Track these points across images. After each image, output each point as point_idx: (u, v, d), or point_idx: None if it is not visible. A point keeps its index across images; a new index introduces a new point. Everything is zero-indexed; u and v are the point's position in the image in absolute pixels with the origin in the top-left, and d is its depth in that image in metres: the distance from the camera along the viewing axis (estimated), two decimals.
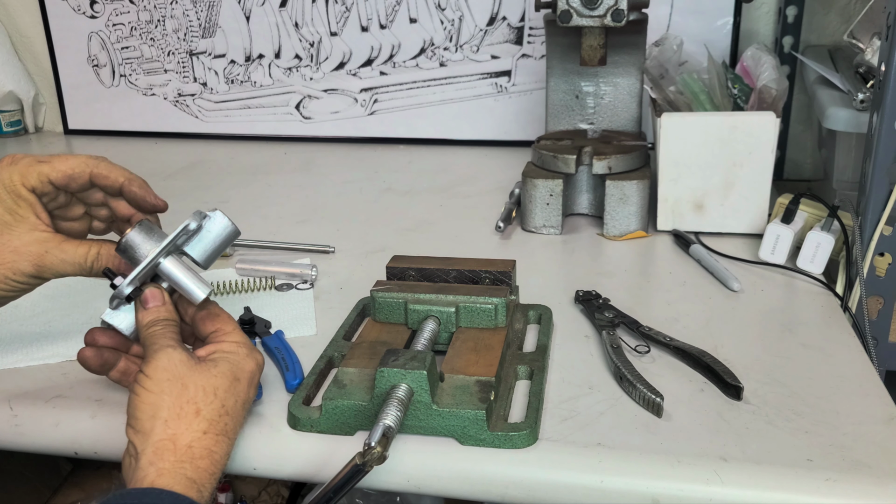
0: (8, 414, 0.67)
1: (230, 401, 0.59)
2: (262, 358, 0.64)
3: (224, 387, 0.59)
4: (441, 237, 1.04)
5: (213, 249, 0.66)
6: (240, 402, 0.60)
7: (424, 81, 1.47)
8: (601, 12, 0.98)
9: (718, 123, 0.95)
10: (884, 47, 0.80)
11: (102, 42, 1.59)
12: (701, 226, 0.99)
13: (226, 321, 0.65)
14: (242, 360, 0.62)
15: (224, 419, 0.57)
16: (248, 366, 0.62)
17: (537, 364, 0.70)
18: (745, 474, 0.57)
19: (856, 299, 0.83)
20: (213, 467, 0.55)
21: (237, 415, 0.59)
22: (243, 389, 0.60)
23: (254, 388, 0.62)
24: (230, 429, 0.58)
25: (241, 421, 0.60)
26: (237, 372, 0.60)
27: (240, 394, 0.60)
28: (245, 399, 0.61)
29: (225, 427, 0.57)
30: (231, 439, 0.58)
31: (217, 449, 0.56)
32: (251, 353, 0.63)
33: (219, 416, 0.57)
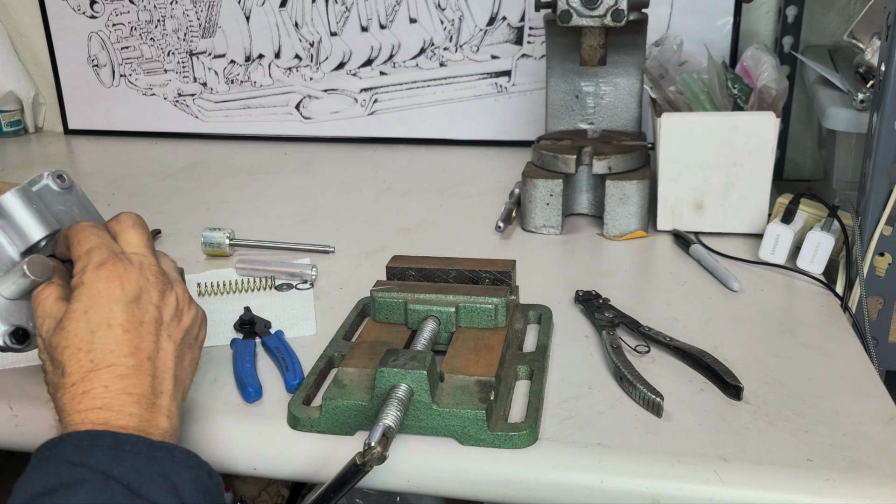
0: (8, 414, 0.67)
1: (82, 339, 0.54)
2: (108, 270, 0.57)
3: (73, 331, 0.55)
4: (441, 237, 1.04)
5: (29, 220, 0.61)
6: (99, 327, 0.55)
7: (424, 81, 1.47)
8: (601, 12, 0.98)
9: (718, 123, 0.95)
10: (884, 47, 0.80)
11: (102, 42, 1.59)
12: (701, 226, 0.99)
13: (74, 245, 0.59)
14: (83, 289, 0.56)
15: (85, 358, 0.54)
16: (91, 290, 0.56)
17: (537, 364, 0.70)
18: (745, 474, 0.57)
19: (856, 299, 0.83)
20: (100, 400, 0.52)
21: (103, 340, 0.54)
22: (98, 313, 0.55)
23: (113, 299, 0.56)
24: (100, 359, 0.54)
25: (116, 340, 0.55)
26: (84, 304, 0.56)
27: (95, 320, 0.55)
28: (106, 320, 0.55)
29: (91, 363, 0.54)
30: (109, 365, 0.54)
31: (90, 385, 0.53)
32: (88, 276, 0.57)
33: (77, 361, 0.54)
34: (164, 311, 0.58)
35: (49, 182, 0.63)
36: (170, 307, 0.59)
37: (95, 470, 0.48)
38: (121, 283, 0.57)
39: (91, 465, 0.48)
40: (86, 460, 0.49)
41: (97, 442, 0.50)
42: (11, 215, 0.60)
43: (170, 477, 0.50)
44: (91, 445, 0.50)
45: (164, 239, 1.05)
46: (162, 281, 0.59)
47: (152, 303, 0.58)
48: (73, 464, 0.49)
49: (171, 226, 1.09)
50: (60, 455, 0.49)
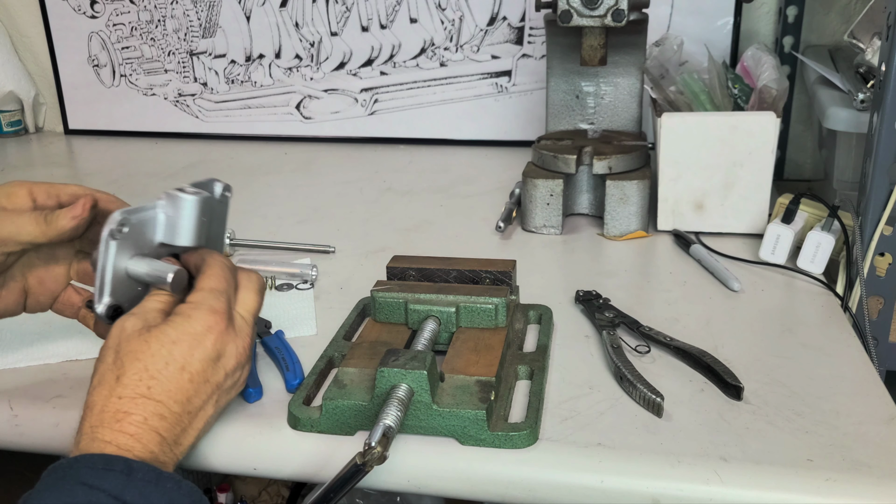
0: (8, 414, 0.67)
1: (155, 363, 0.56)
2: (214, 320, 0.59)
3: (152, 350, 0.57)
4: (441, 237, 1.04)
5: (190, 226, 0.64)
6: (174, 363, 0.56)
7: (425, 81, 1.47)
8: (601, 12, 0.98)
9: (719, 123, 0.95)
10: (884, 47, 0.80)
11: (103, 42, 1.59)
12: (701, 226, 0.99)
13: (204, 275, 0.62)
14: (185, 321, 0.58)
15: (146, 381, 0.55)
16: (191, 327, 0.58)
17: (537, 364, 0.70)
18: (745, 474, 0.57)
19: (856, 299, 0.83)
20: (135, 428, 0.54)
21: (169, 377, 0.56)
22: (181, 351, 0.57)
23: (202, 348, 0.58)
24: (156, 391, 0.55)
25: (179, 383, 0.56)
26: (176, 334, 0.58)
27: (175, 355, 0.57)
28: (184, 362, 0.57)
29: (148, 390, 0.55)
30: (159, 401, 0.55)
31: (135, 410, 0.54)
32: (198, 312, 0.59)
33: (139, 380, 0.55)
34: (228, 381, 0.60)
35: (216, 188, 0.67)
36: (233, 378, 0.61)
37: (109, 494, 0.49)
38: (216, 339, 0.59)
39: (105, 490, 0.49)
40: (100, 484, 0.50)
41: (111, 467, 0.51)
42: (180, 215, 0.63)
43: None
44: (105, 470, 0.51)
45: None
46: (245, 356, 0.62)
47: (225, 369, 0.60)
48: (88, 486, 0.50)
49: None
50: (75, 476, 0.50)
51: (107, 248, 0.61)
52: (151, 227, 0.63)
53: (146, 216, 0.63)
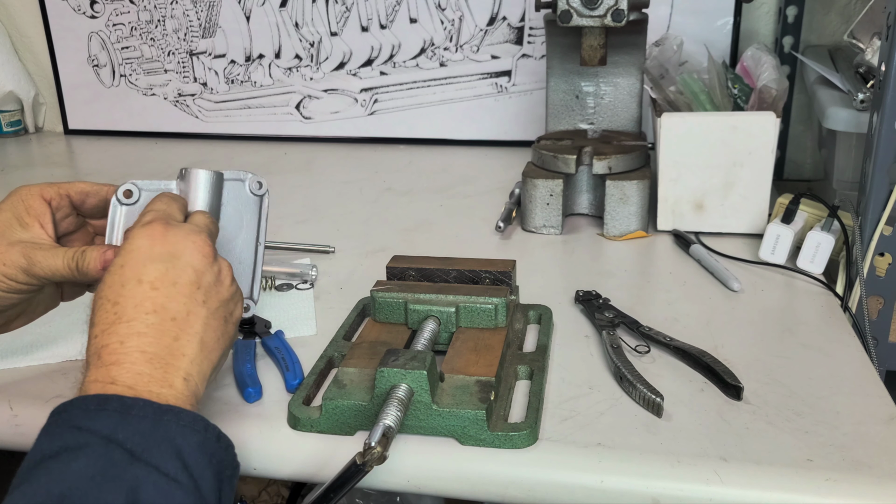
0: (8, 414, 0.67)
1: (112, 290, 0.55)
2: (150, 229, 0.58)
3: (108, 282, 0.56)
4: (441, 237, 1.04)
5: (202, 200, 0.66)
6: (129, 281, 0.55)
7: (424, 81, 1.47)
8: (601, 12, 0.98)
9: (718, 123, 0.95)
10: (884, 47, 0.80)
11: (102, 42, 1.59)
12: (701, 226, 0.99)
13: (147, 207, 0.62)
14: (126, 244, 0.58)
15: (110, 310, 0.55)
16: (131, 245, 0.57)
17: (537, 364, 0.70)
18: (745, 474, 0.57)
19: (856, 299, 0.83)
20: (115, 356, 0.53)
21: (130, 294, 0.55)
22: (131, 267, 0.56)
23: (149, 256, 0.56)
24: (122, 313, 0.54)
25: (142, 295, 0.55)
26: (121, 259, 0.57)
27: (126, 274, 0.56)
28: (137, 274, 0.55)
29: (115, 316, 0.54)
30: (129, 320, 0.54)
31: (109, 339, 0.53)
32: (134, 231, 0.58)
33: (104, 312, 0.55)
34: (204, 276, 0.58)
35: (245, 181, 0.68)
36: (211, 273, 0.58)
37: (99, 435, 0.48)
38: (160, 242, 0.57)
39: (95, 430, 0.49)
40: (91, 425, 0.49)
41: (104, 406, 0.50)
42: (191, 184, 0.66)
43: (174, 441, 0.49)
44: (98, 409, 0.50)
45: None
46: (209, 248, 0.59)
47: (192, 265, 0.57)
48: (78, 428, 0.49)
49: None
50: (68, 419, 0.50)
51: (114, 211, 0.64)
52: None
53: (157, 186, 0.65)
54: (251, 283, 0.70)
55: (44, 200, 0.66)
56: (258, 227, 0.69)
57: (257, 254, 0.69)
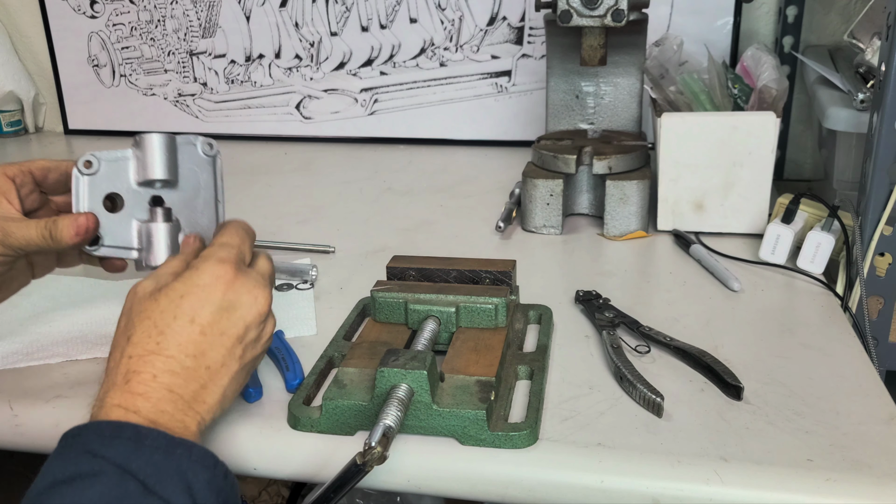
0: (8, 414, 0.67)
1: (164, 318, 0.56)
2: (223, 269, 0.58)
3: (161, 307, 0.56)
4: (441, 237, 1.04)
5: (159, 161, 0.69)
6: (182, 317, 0.56)
7: (424, 81, 1.47)
8: (601, 12, 0.98)
9: (719, 123, 0.95)
10: (884, 47, 0.80)
11: (102, 42, 1.60)
12: (701, 226, 0.99)
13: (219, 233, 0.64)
14: (193, 274, 0.58)
15: (154, 338, 0.55)
16: (199, 279, 0.58)
17: (537, 364, 0.70)
18: (745, 474, 0.57)
19: (856, 299, 0.83)
20: (143, 386, 0.53)
21: (178, 330, 0.56)
22: (190, 304, 0.56)
23: (211, 299, 0.57)
24: (165, 346, 0.55)
25: (189, 336, 0.56)
26: (184, 288, 0.57)
27: (183, 308, 0.56)
28: (193, 314, 0.56)
29: (157, 346, 0.55)
30: (169, 356, 0.55)
31: (143, 368, 0.54)
32: (206, 264, 0.59)
33: (147, 336, 0.55)
34: (249, 333, 0.59)
35: (197, 144, 0.71)
36: (256, 331, 0.60)
37: (113, 463, 0.49)
38: (226, 288, 0.58)
39: (110, 458, 0.49)
40: (105, 452, 0.49)
41: (119, 434, 0.50)
42: (146, 150, 0.69)
43: (185, 475, 0.50)
44: (112, 437, 0.50)
45: None
46: (266, 308, 0.60)
47: (245, 321, 0.59)
48: (92, 454, 0.49)
49: None
50: (82, 444, 0.50)
51: (76, 183, 0.67)
52: (124, 168, 0.69)
53: (115, 156, 0.69)
54: None
55: (7, 178, 0.68)
56: (215, 186, 0.73)
57: (218, 212, 0.73)
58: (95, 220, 0.68)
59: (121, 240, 0.70)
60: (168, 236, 0.70)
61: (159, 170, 0.69)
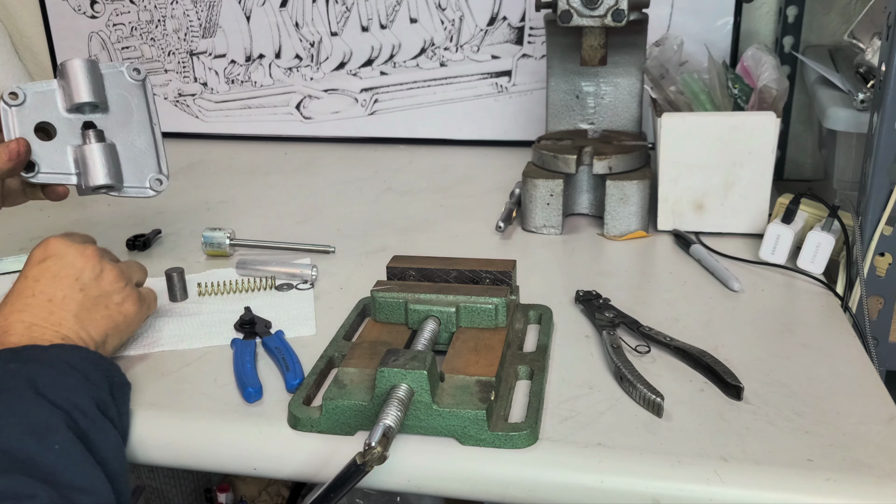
0: None
1: (17, 289, 0.69)
2: (45, 244, 0.71)
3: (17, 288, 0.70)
4: (441, 237, 1.04)
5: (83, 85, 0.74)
6: (27, 279, 0.69)
7: (425, 81, 1.47)
8: (601, 12, 0.98)
9: (719, 123, 0.95)
10: (884, 47, 0.80)
11: (103, 42, 1.59)
12: (701, 226, 0.99)
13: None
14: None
15: (9, 301, 0.68)
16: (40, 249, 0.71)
17: (537, 364, 0.70)
18: (745, 474, 0.57)
19: (856, 299, 0.83)
20: (10, 331, 0.66)
21: (21, 289, 0.69)
22: (32, 274, 0.69)
23: (40, 265, 0.70)
24: (11, 302, 0.68)
25: (26, 285, 0.69)
26: (37, 273, 0.70)
27: (27, 280, 0.69)
28: (33, 276, 0.69)
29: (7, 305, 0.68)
30: (12, 304, 0.67)
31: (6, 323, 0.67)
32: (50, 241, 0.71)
33: (7, 304, 0.68)
34: (84, 273, 0.70)
35: (122, 69, 0.77)
36: (92, 272, 0.71)
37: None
38: (51, 251, 0.71)
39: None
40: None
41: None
42: (69, 76, 0.74)
43: (65, 360, 0.62)
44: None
45: (164, 239, 1.05)
46: (93, 256, 0.71)
47: (73, 265, 0.70)
48: None
49: (171, 226, 1.09)
50: None
51: (5, 115, 0.73)
52: (51, 98, 0.75)
53: (41, 87, 0.75)
54: (157, 159, 0.81)
55: None
56: (148, 109, 0.78)
57: (155, 133, 0.79)
58: (26, 144, 0.74)
59: (57, 166, 0.75)
60: (102, 155, 0.74)
61: (84, 93, 0.74)
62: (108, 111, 0.76)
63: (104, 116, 0.76)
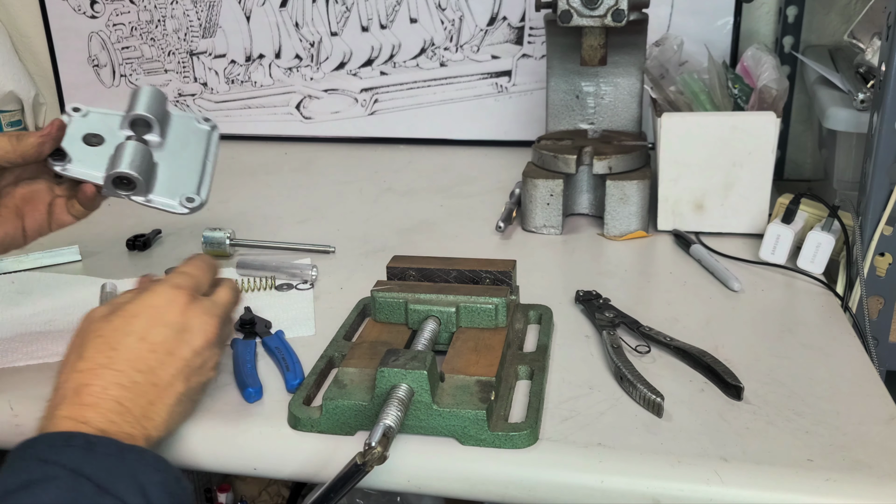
0: (8, 414, 0.67)
1: (115, 335, 0.58)
2: (175, 294, 0.61)
3: (113, 326, 0.58)
4: (441, 237, 1.04)
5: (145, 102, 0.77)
6: (133, 334, 0.58)
7: (425, 81, 1.47)
8: (601, 12, 0.98)
9: (719, 123, 0.95)
10: (884, 47, 0.80)
11: (103, 42, 1.59)
12: (701, 226, 0.99)
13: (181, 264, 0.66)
14: (147, 296, 0.60)
15: (105, 353, 0.56)
16: (151, 300, 0.60)
17: (537, 364, 0.70)
18: (745, 474, 0.57)
19: (856, 299, 0.83)
20: (93, 398, 0.54)
21: (129, 346, 0.57)
22: (141, 323, 0.59)
23: (163, 320, 0.59)
24: (116, 361, 0.56)
25: (139, 353, 0.57)
26: (136, 309, 0.60)
27: (134, 327, 0.58)
28: (144, 332, 0.58)
29: (108, 360, 0.56)
30: (119, 370, 0.56)
31: (94, 380, 0.55)
32: (160, 287, 0.61)
33: (98, 351, 0.57)
34: (196, 359, 0.60)
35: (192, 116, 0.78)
36: (202, 357, 0.61)
37: (66, 468, 0.49)
38: (178, 311, 0.60)
39: (62, 464, 0.49)
40: (57, 458, 0.50)
41: (70, 442, 0.51)
42: (133, 95, 0.78)
43: (138, 477, 0.51)
44: (64, 445, 0.51)
45: (164, 239, 1.05)
46: (214, 336, 0.62)
47: (191, 345, 0.60)
48: (44, 461, 0.49)
49: (171, 226, 1.09)
50: (33, 454, 0.50)
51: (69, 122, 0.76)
52: (112, 121, 0.77)
53: (106, 111, 0.78)
54: (198, 183, 0.79)
55: None
56: (206, 150, 0.77)
57: (205, 169, 0.78)
58: (60, 123, 0.73)
59: (90, 166, 0.73)
60: (134, 150, 0.73)
61: (142, 107, 0.75)
62: (164, 143, 0.74)
63: (156, 140, 0.74)
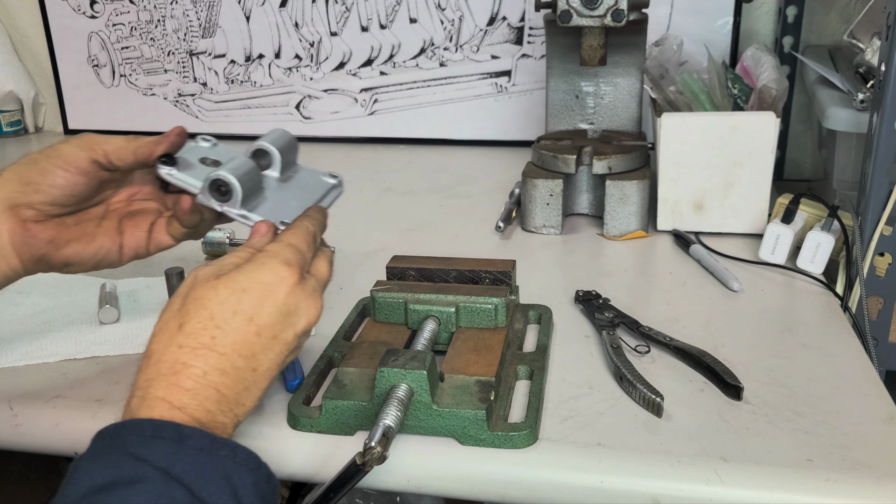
0: (8, 414, 0.67)
1: (222, 312, 0.53)
2: (288, 272, 0.56)
3: (220, 297, 0.54)
4: (441, 237, 1.04)
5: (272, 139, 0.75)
6: (242, 313, 0.53)
7: (424, 81, 1.47)
8: (601, 12, 0.98)
9: (718, 123, 0.95)
10: (884, 47, 0.80)
11: (102, 42, 1.59)
12: (701, 226, 0.99)
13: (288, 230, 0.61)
14: (257, 269, 0.55)
15: (210, 331, 0.52)
16: (262, 276, 0.55)
17: (537, 364, 0.70)
18: (745, 474, 0.57)
19: (856, 299, 0.83)
20: (192, 382, 0.51)
21: (236, 328, 0.53)
22: (250, 300, 0.54)
23: (273, 300, 0.55)
24: (220, 342, 0.52)
25: (245, 336, 0.53)
26: (246, 282, 0.54)
27: (243, 304, 0.54)
28: (252, 312, 0.54)
29: (212, 340, 0.52)
30: (223, 354, 0.52)
31: (195, 362, 0.51)
32: (272, 262, 0.56)
33: (203, 328, 0.52)
34: (295, 342, 0.57)
35: (322, 172, 0.77)
36: (300, 341, 0.58)
37: (157, 467, 0.46)
38: (286, 292, 0.56)
39: (152, 461, 0.47)
40: (148, 454, 0.47)
41: (160, 434, 0.48)
42: (266, 135, 0.76)
43: (231, 479, 0.48)
44: (154, 437, 0.48)
45: None
46: (315, 319, 0.58)
47: (295, 329, 0.57)
48: (134, 457, 0.47)
49: None
50: (122, 446, 0.47)
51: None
52: (236, 155, 0.76)
53: (236, 150, 0.77)
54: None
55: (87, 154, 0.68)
56: (324, 196, 0.75)
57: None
58: (181, 130, 0.71)
59: (195, 177, 0.71)
60: (243, 163, 0.71)
61: (268, 139, 0.74)
62: (282, 185, 0.72)
63: (275, 180, 0.72)
